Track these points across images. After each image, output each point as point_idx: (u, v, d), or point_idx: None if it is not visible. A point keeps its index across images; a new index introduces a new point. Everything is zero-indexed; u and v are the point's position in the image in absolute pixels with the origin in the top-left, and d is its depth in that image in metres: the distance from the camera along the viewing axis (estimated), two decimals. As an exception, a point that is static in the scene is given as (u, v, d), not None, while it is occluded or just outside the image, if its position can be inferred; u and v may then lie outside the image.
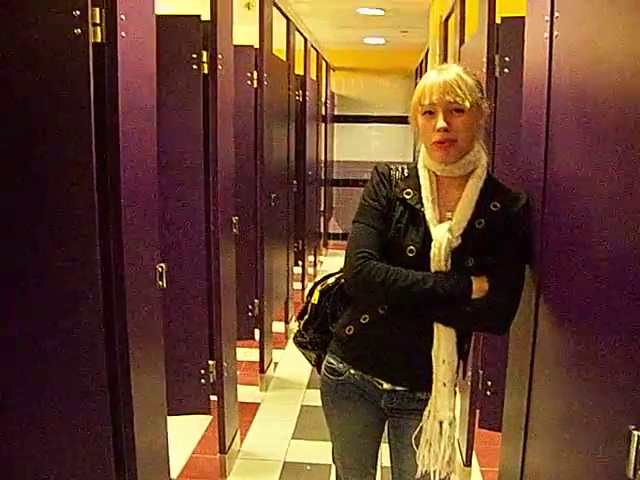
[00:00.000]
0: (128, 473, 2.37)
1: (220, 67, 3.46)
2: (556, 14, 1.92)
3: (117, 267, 2.23)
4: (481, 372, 3.49)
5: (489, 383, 3.45)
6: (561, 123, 1.91)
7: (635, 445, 1.29)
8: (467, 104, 2.05)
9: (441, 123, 2.06)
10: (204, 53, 3.40)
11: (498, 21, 3.27)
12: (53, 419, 2.28)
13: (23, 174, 2.15)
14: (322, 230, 10.38)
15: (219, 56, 3.43)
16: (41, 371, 2.25)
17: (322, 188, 9.89)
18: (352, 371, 2.27)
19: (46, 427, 2.29)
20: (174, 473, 3.75)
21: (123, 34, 2.15)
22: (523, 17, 2.35)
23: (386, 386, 2.24)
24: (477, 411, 3.56)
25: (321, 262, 9.68)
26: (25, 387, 2.26)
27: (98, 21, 2.09)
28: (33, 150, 2.14)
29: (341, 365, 2.29)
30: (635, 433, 1.29)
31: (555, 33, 1.93)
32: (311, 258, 8.66)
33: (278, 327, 6.10)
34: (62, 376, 2.25)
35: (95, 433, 2.28)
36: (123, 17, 2.14)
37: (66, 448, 2.29)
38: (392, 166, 2.24)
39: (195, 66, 3.39)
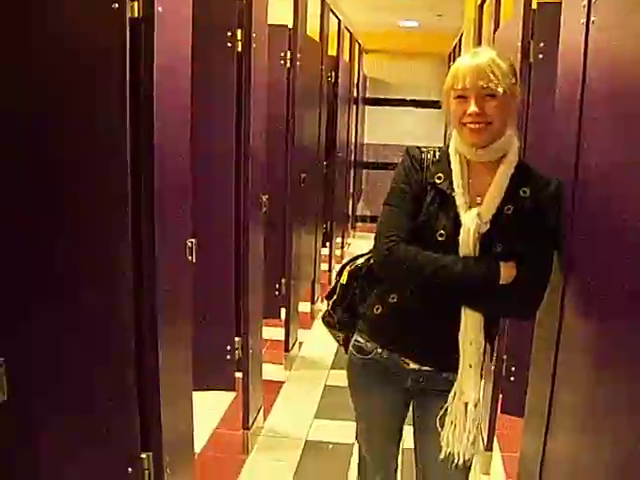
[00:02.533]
0: (154, 447, 2.41)
1: (254, 45, 3.46)
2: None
3: (148, 241, 2.26)
4: (505, 357, 3.49)
5: (513, 369, 3.45)
6: (595, 109, 1.90)
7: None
8: (500, 90, 2.03)
9: (473, 108, 2.05)
10: (238, 31, 3.41)
11: (534, 6, 3.24)
12: (80, 393, 2.32)
13: (57, 151, 2.18)
14: (350, 212, 10.37)
15: (253, 34, 3.44)
16: (70, 347, 2.29)
17: (352, 170, 9.88)
18: (379, 350, 2.28)
19: (73, 401, 2.33)
20: (197, 447, 3.78)
21: (160, 9, 2.16)
22: (560, 2, 2.33)
23: (413, 365, 2.25)
24: (500, 396, 3.56)
25: (349, 244, 9.69)
26: (53, 361, 2.30)
27: (135, -4, 2.10)
28: (67, 127, 2.16)
29: (369, 344, 2.30)
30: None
31: (592, 19, 1.92)
32: (339, 240, 8.67)
33: (304, 307, 6.12)
34: (90, 348, 2.28)
35: (122, 407, 2.31)
36: (160, -7, 2.15)
37: (93, 422, 2.33)
38: (423, 149, 2.23)
39: (229, 44, 3.40)
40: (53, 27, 2.12)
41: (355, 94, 9.70)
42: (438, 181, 2.16)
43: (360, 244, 9.44)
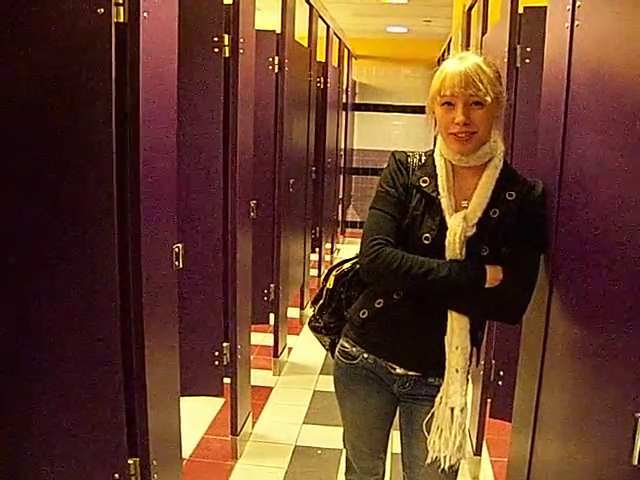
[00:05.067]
0: (140, 452, 2.41)
1: (241, 51, 3.46)
2: (578, 3, 1.92)
3: (134, 245, 2.25)
4: (493, 362, 3.49)
5: (501, 373, 3.45)
6: (579, 112, 1.91)
7: (641, 432, 1.30)
8: (488, 99, 2.02)
9: (460, 117, 2.04)
10: (226, 36, 3.40)
11: (520, 11, 3.26)
12: (67, 399, 2.31)
13: (41, 154, 2.17)
14: (340, 218, 10.38)
15: (241, 40, 3.43)
16: (55, 351, 2.28)
17: (341, 176, 9.89)
18: (365, 355, 2.28)
19: (59, 407, 2.32)
20: (186, 453, 3.78)
21: (145, 14, 2.16)
22: (545, 7, 2.34)
23: (399, 371, 2.25)
24: (488, 401, 3.56)
25: (338, 250, 9.69)
26: (39, 366, 2.30)
27: (121, 1, 2.10)
28: (53, 130, 2.16)
29: (355, 349, 2.30)
30: (641, 420, 1.30)
31: (576, 22, 1.93)
32: (328, 245, 8.67)
33: (293, 313, 6.13)
34: (77, 356, 2.28)
35: (108, 412, 2.31)
36: (146, -2, 2.15)
37: (79, 427, 2.33)
38: (409, 153, 2.23)
39: (216, 49, 3.39)
40: (39, 32, 2.11)
41: (344, 100, 9.71)
42: (424, 185, 2.16)
43: (350, 249, 9.44)
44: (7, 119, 2.14)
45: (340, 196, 10.09)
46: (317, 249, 7.67)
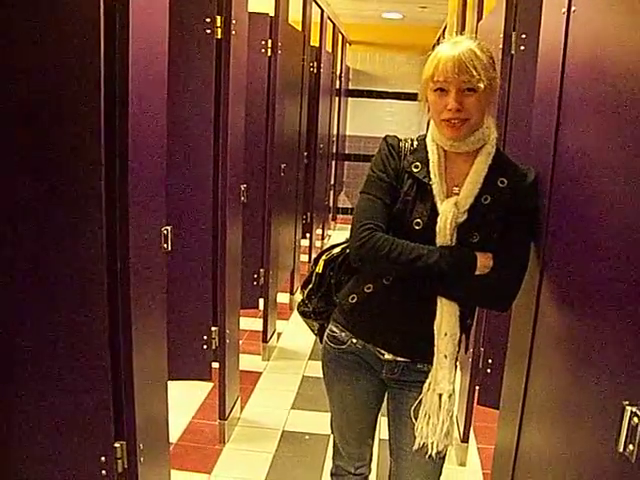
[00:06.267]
0: (127, 436, 2.40)
1: (234, 33, 3.43)
2: (574, -12, 1.90)
3: (122, 227, 2.23)
4: (482, 349, 3.49)
5: (489, 360, 3.45)
6: (574, 99, 1.90)
7: (627, 419, 1.29)
8: (481, 85, 2.01)
9: (453, 104, 2.03)
10: (218, 18, 3.37)
11: (516, -3, 3.23)
12: (53, 382, 2.29)
13: (30, 136, 2.15)
14: (331, 204, 10.36)
15: (233, 21, 3.40)
16: (42, 335, 2.26)
17: (333, 162, 9.87)
18: (354, 340, 2.27)
19: (45, 391, 2.30)
20: (173, 438, 3.78)
21: (135, -6, 2.13)
22: (542, -7, 2.32)
23: (387, 356, 2.24)
24: (476, 388, 3.57)
25: (329, 236, 9.68)
26: (25, 350, 2.28)
27: (110, -20, 2.07)
28: (41, 113, 2.13)
29: (343, 334, 2.29)
30: (628, 408, 1.29)
31: (573, 8, 1.91)
32: (319, 231, 8.66)
33: (283, 298, 6.13)
34: (63, 338, 2.26)
35: (95, 396, 2.29)
36: (135, -24, 2.12)
37: (65, 411, 2.31)
38: (401, 137, 2.22)
39: (208, 30, 3.36)
40: (26, 13, 2.08)
41: (338, 85, 9.68)
42: (415, 170, 2.14)
43: (341, 235, 9.38)
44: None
45: (332, 182, 10.07)
46: (308, 235, 7.66)
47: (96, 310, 2.22)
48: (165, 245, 2.58)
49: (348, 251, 2.28)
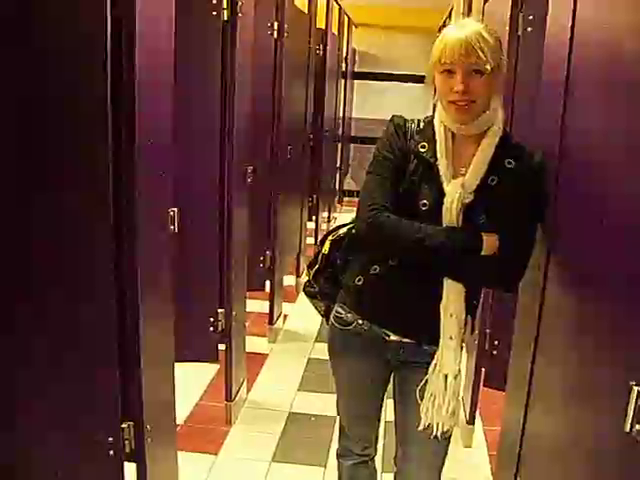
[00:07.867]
0: (135, 417, 2.41)
1: (240, 14, 3.42)
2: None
3: (129, 208, 2.23)
4: (488, 331, 3.49)
5: (496, 342, 3.45)
6: (581, 80, 1.89)
7: (634, 400, 1.29)
8: (488, 67, 1.99)
9: (460, 86, 2.01)
10: (224, -1, 3.36)
11: (523, -22, 3.21)
12: (60, 362, 2.30)
13: (39, 122, 2.14)
14: (337, 186, 10.34)
15: (239, 3, 3.39)
16: (49, 314, 2.26)
17: (339, 144, 9.84)
18: (360, 321, 2.27)
19: (52, 371, 2.31)
20: (180, 419, 3.79)
21: (142, -25, 2.12)
22: (549, -28, 2.30)
23: (393, 337, 2.24)
24: (483, 370, 3.57)
25: (335, 218, 9.66)
26: (32, 329, 2.28)
27: (115, -39, 2.06)
28: (49, 98, 2.12)
29: (349, 315, 2.29)
30: (635, 388, 1.29)
31: (580, -12, 1.90)
32: (325, 214, 8.65)
33: (289, 280, 6.13)
34: (71, 320, 2.26)
35: (103, 377, 2.30)
36: (142, -43, 2.11)
37: (73, 391, 2.32)
38: (408, 118, 2.21)
39: (215, 12, 3.34)
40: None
41: (344, 68, 9.64)
42: (422, 150, 2.14)
43: (347, 218, 9.34)
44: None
45: (338, 164, 10.05)
46: (314, 217, 7.66)
47: (103, 291, 2.22)
48: (172, 227, 2.58)
49: (354, 231, 2.28)
